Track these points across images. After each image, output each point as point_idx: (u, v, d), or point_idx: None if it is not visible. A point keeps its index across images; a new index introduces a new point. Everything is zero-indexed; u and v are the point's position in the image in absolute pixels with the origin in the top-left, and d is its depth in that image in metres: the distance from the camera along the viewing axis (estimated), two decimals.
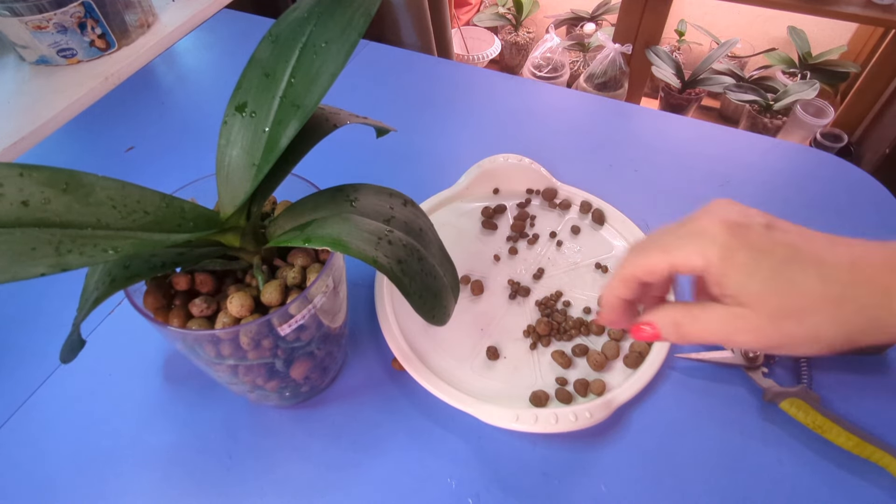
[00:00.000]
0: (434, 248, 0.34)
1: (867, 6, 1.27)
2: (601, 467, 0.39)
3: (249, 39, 0.73)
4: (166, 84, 0.74)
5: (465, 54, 1.88)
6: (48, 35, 0.70)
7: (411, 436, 0.41)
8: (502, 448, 0.40)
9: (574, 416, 0.39)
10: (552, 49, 1.76)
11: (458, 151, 0.61)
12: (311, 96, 0.28)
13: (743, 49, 1.73)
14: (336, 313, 0.37)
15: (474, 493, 0.38)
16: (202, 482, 0.39)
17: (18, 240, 0.22)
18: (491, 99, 0.69)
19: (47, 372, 0.45)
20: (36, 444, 0.41)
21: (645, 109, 0.68)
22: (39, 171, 0.24)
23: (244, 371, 0.34)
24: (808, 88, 1.47)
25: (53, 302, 0.49)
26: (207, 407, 0.42)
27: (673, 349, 0.44)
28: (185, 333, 0.30)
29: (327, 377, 0.43)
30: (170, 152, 0.63)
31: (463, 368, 0.43)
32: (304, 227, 0.30)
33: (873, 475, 0.38)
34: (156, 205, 0.27)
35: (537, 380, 0.43)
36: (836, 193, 0.56)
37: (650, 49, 1.52)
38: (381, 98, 0.69)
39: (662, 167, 0.59)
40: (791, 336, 0.24)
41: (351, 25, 0.28)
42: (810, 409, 0.39)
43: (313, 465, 0.40)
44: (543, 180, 0.56)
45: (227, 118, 0.31)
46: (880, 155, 1.37)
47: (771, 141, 0.62)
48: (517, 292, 0.48)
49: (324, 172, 0.39)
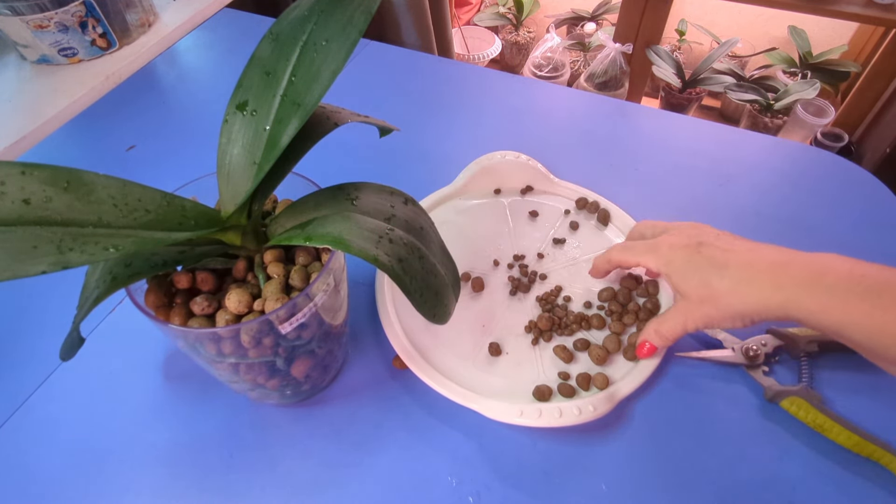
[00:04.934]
0: (435, 247, 0.34)
1: (868, 6, 1.27)
2: (602, 466, 0.39)
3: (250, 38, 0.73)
4: (167, 83, 0.74)
5: (465, 54, 1.88)
6: (49, 34, 0.70)
7: (412, 434, 0.41)
8: (504, 446, 0.40)
9: (578, 410, 0.39)
10: (553, 49, 1.76)
11: (459, 151, 0.61)
12: (312, 95, 0.29)
13: (743, 48, 1.73)
14: (337, 311, 0.37)
15: (475, 492, 0.38)
16: (203, 480, 0.39)
17: (20, 238, 0.22)
18: (491, 98, 0.69)
19: (48, 370, 0.45)
20: (37, 442, 0.41)
21: (645, 108, 0.68)
22: (41, 169, 0.24)
23: (245, 369, 0.34)
24: (808, 88, 1.47)
25: (54, 300, 0.49)
26: (208, 405, 0.43)
27: (673, 347, 0.44)
28: (187, 332, 0.30)
29: (328, 375, 0.43)
30: (171, 151, 0.63)
31: (465, 365, 0.43)
32: (305, 226, 0.30)
33: (874, 474, 0.38)
34: (157, 203, 0.27)
35: (540, 375, 0.43)
36: (837, 192, 0.56)
37: (651, 48, 1.52)
38: (381, 97, 0.69)
39: (663, 166, 0.59)
40: (710, 315, 0.36)
41: (351, 24, 0.29)
42: (811, 408, 0.39)
43: (314, 462, 0.40)
44: (541, 176, 0.56)
45: (228, 117, 0.31)
46: (881, 154, 1.37)
47: (771, 140, 0.62)
48: (518, 288, 0.48)
49: (324, 171, 0.39)
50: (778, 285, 0.32)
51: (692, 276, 0.36)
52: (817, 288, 0.30)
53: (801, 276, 0.31)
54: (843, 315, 0.29)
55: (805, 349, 0.42)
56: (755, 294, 0.33)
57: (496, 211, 0.55)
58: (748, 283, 0.33)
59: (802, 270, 0.31)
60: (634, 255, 0.41)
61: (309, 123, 0.31)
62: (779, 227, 0.53)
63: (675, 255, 0.37)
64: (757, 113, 1.58)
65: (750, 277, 0.33)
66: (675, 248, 0.38)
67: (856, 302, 0.29)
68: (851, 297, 0.29)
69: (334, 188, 0.33)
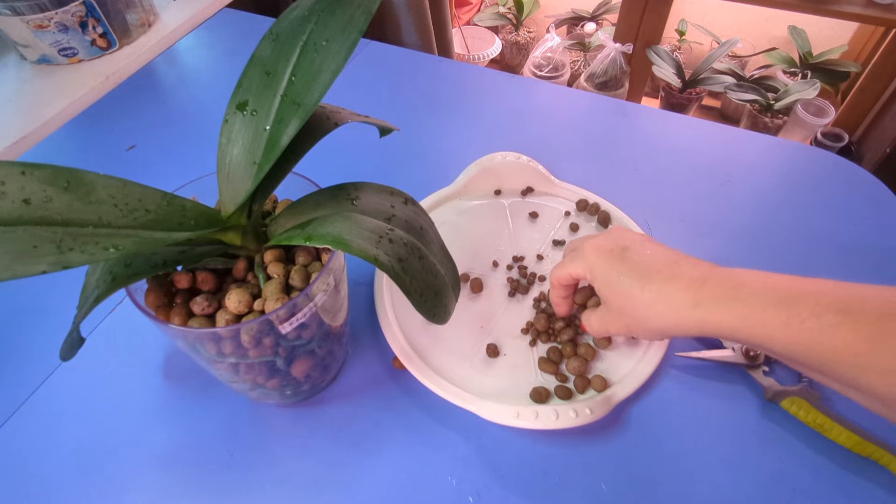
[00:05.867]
0: (435, 247, 0.34)
1: (868, 6, 1.27)
2: (601, 465, 0.39)
3: (250, 38, 0.73)
4: (167, 83, 0.74)
5: (465, 54, 1.88)
6: (49, 34, 0.70)
7: (412, 434, 0.41)
8: (503, 446, 0.40)
9: (574, 413, 0.39)
10: (553, 49, 1.76)
11: (459, 151, 0.61)
12: (312, 95, 0.29)
13: (743, 48, 1.73)
14: (337, 312, 0.37)
15: (475, 492, 0.38)
16: (203, 480, 0.39)
17: (20, 238, 0.22)
18: (491, 98, 0.69)
19: (48, 370, 0.45)
20: (37, 442, 0.41)
21: (646, 108, 0.68)
22: (41, 169, 0.24)
23: (245, 369, 0.34)
24: (808, 88, 1.47)
25: (54, 300, 0.49)
26: (208, 405, 0.43)
27: (673, 347, 0.44)
28: (187, 331, 0.30)
29: (328, 375, 0.43)
30: (171, 151, 0.63)
31: (463, 366, 0.43)
32: (305, 226, 0.30)
33: (874, 474, 0.38)
34: (157, 203, 0.27)
35: (537, 377, 0.43)
36: (837, 192, 0.56)
37: (651, 48, 1.52)
38: (381, 97, 0.69)
39: (663, 166, 0.59)
40: (630, 326, 0.35)
41: (352, 23, 0.29)
42: (811, 408, 0.39)
43: (314, 462, 0.40)
44: (541, 177, 0.56)
45: (228, 117, 0.31)
46: (881, 154, 1.37)
47: (772, 140, 0.62)
48: (517, 290, 0.48)
49: (324, 171, 0.39)
50: (695, 302, 0.31)
51: (615, 283, 0.35)
52: (734, 303, 0.30)
53: (717, 292, 0.31)
54: (761, 327, 0.29)
55: None
56: (673, 311, 0.32)
57: (496, 212, 0.55)
58: (666, 301, 0.32)
59: (719, 286, 0.31)
60: (564, 268, 0.39)
61: (309, 123, 0.31)
62: (779, 227, 0.53)
63: (598, 259, 0.36)
64: (757, 113, 1.58)
65: (669, 293, 0.32)
66: (599, 252, 0.37)
67: (772, 313, 0.28)
68: (767, 308, 0.29)
69: (334, 188, 0.33)
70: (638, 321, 0.34)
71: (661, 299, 0.33)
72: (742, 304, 0.30)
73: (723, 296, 0.30)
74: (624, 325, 0.36)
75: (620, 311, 0.35)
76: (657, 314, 0.33)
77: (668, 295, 0.32)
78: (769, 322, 0.28)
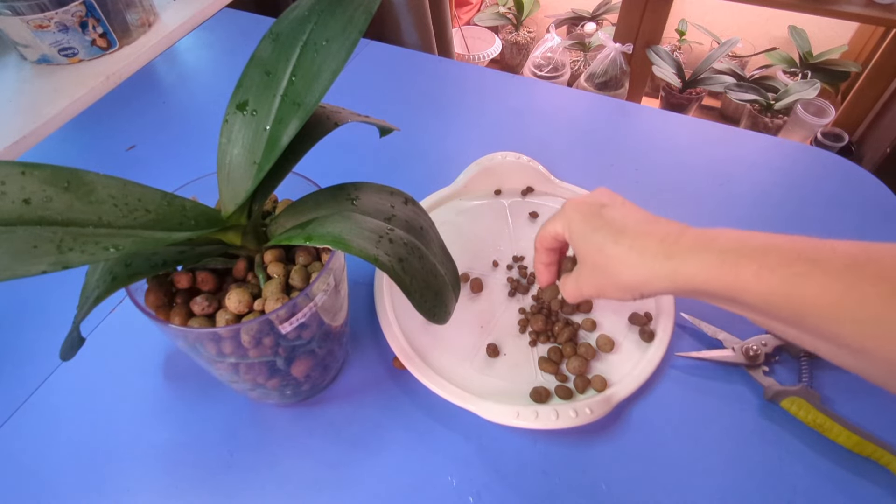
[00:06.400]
0: (435, 247, 0.34)
1: (868, 6, 1.27)
2: (601, 465, 0.39)
3: (250, 38, 0.73)
4: (167, 83, 0.74)
5: (465, 54, 1.88)
6: (49, 34, 0.70)
7: (412, 434, 0.41)
8: (503, 446, 0.40)
9: (574, 413, 0.39)
10: (553, 48, 1.76)
11: (459, 151, 0.61)
12: (312, 95, 0.29)
13: (744, 48, 1.72)
14: (337, 312, 0.37)
15: (475, 492, 0.38)
16: (203, 479, 0.39)
17: (20, 238, 0.22)
18: (491, 98, 0.69)
19: (48, 370, 0.45)
20: (37, 442, 0.41)
21: (646, 108, 0.68)
22: (41, 169, 0.24)
23: (245, 369, 0.34)
24: (808, 88, 1.47)
25: (54, 300, 0.49)
26: (208, 405, 0.43)
27: (673, 347, 0.44)
28: (187, 331, 0.30)
29: (328, 375, 0.43)
30: (171, 151, 0.63)
31: (463, 366, 0.43)
32: (306, 226, 0.30)
33: (874, 474, 0.38)
34: (157, 203, 0.27)
35: (537, 376, 0.43)
36: (838, 192, 0.56)
37: (651, 48, 1.52)
38: (381, 97, 0.69)
39: (663, 166, 0.59)
40: (602, 286, 0.34)
41: (352, 23, 0.29)
42: (811, 408, 0.39)
43: (314, 462, 0.40)
44: (541, 177, 0.56)
45: (228, 117, 0.31)
46: (881, 154, 1.37)
47: (772, 140, 0.62)
48: (517, 290, 0.48)
49: (325, 171, 0.39)
50: (668, 254, 0.31)
51: (590, 238, 0.34)
52: (706, 253, 0.29)
53: (690, 244, 0.30)
54: (733, 278, 0.28)
55: (805, 349, 0.42)
56: (646, 264, 0.31)
57: (496, 212, 0.55)
58: (640, 253, 0.32)
59: (694, 240, 0.31)
60: (545, 227, 0.38)
61: (309, 123, 0.31)
62: (779, 227, 0.53)
63: (576, 215, 0.36)
64: (757, 113, 1.58)
65: (642, 247, 0.32)
66: (577, 209, 0.36)
67: (745, 263, 0.28)
68: (740, 258, 0.28)
69: (334, 188, 0.33)
70: (610, 276, 0.33)
71: (635, 252, 0.32)
72: (715, 255, 0.29)
73: (696, 247, 0.30)
74: (596, 283, 0.35)
75: (593, 268, 0.34)
76: (628, 267, 0.32)
77: (641, 248, 0.32)
78: (741, 273, 0.28)
